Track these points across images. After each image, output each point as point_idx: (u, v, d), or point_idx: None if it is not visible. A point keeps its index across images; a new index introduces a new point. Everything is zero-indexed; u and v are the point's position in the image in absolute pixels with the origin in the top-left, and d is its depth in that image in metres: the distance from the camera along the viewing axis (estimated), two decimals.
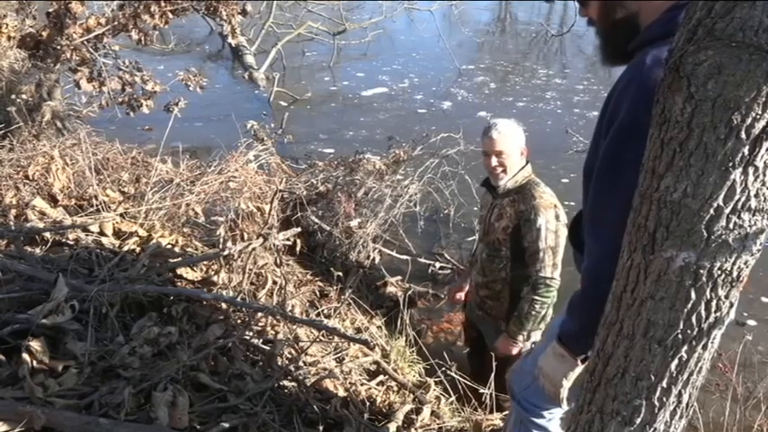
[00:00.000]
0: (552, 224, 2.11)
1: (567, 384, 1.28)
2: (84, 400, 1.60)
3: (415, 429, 2.00)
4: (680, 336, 0.88)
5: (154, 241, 2.42)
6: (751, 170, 0.74)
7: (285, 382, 1.93)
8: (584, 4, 1.33)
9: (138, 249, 2.36)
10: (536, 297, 2.13)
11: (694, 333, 0.87)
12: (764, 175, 0.75)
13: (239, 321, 2.15)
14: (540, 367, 1.36)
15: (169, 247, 2.47)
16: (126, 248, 2.32)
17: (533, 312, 2.14)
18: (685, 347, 0.89)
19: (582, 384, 1.10)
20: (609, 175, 1.13)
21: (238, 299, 2.22)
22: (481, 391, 2.21)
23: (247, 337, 2.08)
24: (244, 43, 7.72)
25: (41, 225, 2.35)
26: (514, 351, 2.23)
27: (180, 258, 2.38)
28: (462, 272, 3.01)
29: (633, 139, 1.03)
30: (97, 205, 2.69)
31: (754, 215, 0.77)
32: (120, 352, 1.76)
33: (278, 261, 2.47)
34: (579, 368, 1.24)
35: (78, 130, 3.64)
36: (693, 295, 0.84)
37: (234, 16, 4.01)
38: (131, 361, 1.74)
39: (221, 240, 2.67)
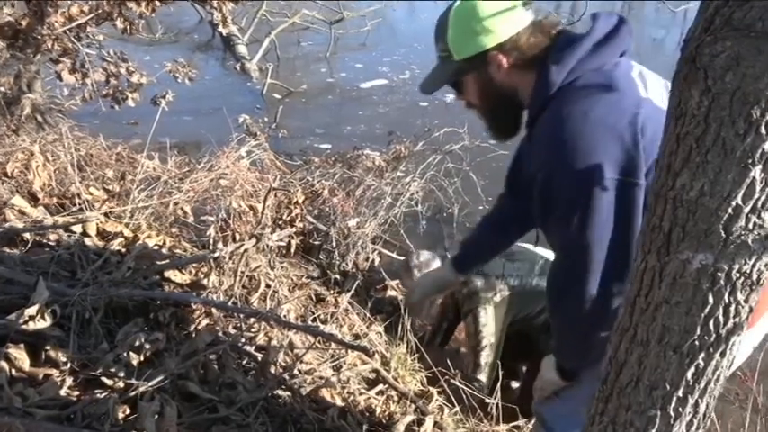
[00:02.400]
0: None
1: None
2: (66, 411, 1.60)
3: None
4: (697, 342, 0.88)
5: (140, 242, 2.42)
6: None
7: (279, 392, 1.94)
8: (461, 91, 1.47)
9: (123, 251, 2.36)
10: None
11: (712, 339, 0.87)
12: None
13: (231, 328, 2.15)
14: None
15: (156, 248, 2.47)
16: (111, 249, 2.32)
17: None
18: (702, 354, 0.89)
19: (593, 394, 1.11)
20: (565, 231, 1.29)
21: (230, 303, 2.22)
22: (487, 401, 2.21)
23: (239, 344, 2.08)
24: (235, 32, 7.71)
25: (21, 225, 2.35)
26: None
27: (167, 260, 2.38)
28: None
29: (560, 192, 1.25)
30: (80, 204, 2.69)
31: None
32: (105, 360, 1.76)
33: (271, 263, 2.47)
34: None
35: (60, 124, 3.64)
36: (711, 299, 0.84)
37: (225, 3, 4.02)
38: (116, 369, 1.74)
39: (211, 241, 2.68)
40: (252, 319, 2.19)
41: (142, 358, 1.81)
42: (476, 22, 1.32)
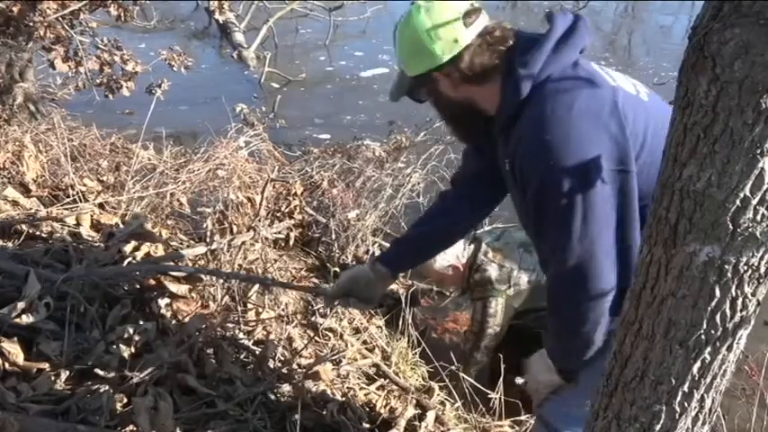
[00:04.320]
0: None
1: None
2: (60, 406, 1.61)
3: None
4: (703, 336, 0.88)
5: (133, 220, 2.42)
6: None
7: (278, 386, 1.94)
8: (420, 101, 1.53)
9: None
10: None
11: (718, 333, 0.87)
12: None
13: (228, 323, 2.15)
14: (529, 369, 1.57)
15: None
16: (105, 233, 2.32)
17: None
18: (709, 349, 0.89)
19: (597, 389, 1.11)
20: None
21: (226, 297, 2.23)
22: (489, 395, 2.22)
23: (237, 338, 2.09)
24: (232, 20, 7.67)
25: (15, 216, 2.36)
26: None
27: (163, 253, 2.39)
28: None
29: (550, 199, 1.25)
30: (74, 195, 2.69)
31: None
32: (96, 350, 1.77)
33: (268, 256, 2.48)
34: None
35: (53, 113, 3.64)
36: (718, 292, 0.84)
37: None
38: (109, 360, 1.75)
39: (208, 233, 2.68)
40: (250, 315, 2.20)
41: (133, 349, 1.82)
42: (418, 43, 1.35)
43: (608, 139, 1.21)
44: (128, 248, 2.25)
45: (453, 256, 2.53)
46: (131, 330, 1.84)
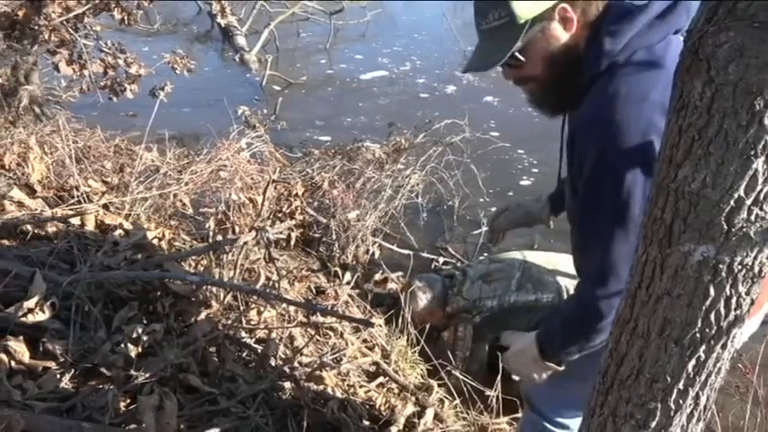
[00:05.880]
0: None
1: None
2: (65, 403, 1.61)
3: None
4: (698, 334, 0.88)
5: (136, 230, 2.42)
6: None
7: (279, 384, 1.94)
8: (518, 63, 1.26)
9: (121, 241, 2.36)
10: None
11: (713, 332, 0.87)
12: None
13: (230, 321, 2.15)
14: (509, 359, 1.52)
15: (156, 240, 2.47)
16: (110, 242, 2.32)
17: None
18: (703, 347, 0.89)
19: (594, 386, 1.11)
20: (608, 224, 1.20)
21: (228, 296, 2.22)
22: (487, 393, 2.22)
23: (239, 336, 2.09)
24: (234, 23, 7.68)
25: (21, 216, 2.36)
26: None
27: (167, 253, 2.39)
28: None
29: (608, 180, 1.16)
30: (78, 196, 2.69)
31: None
32: (102, 350, 1.77)
33: (270, 256, 2.47)
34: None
35: (57, 115, 3.63)
36: (712, 291, 0.84)
37: None
38: (114, 359, 1.75)
39: (211, 234, 2.68)
40: (251, 313, 2.19)
41: (140, 349, 1.82)
42: None
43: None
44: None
45: (434, 300, 2.78)
46: (140, 330, 1.84)
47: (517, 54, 1.24)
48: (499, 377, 2.17)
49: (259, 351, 2.06)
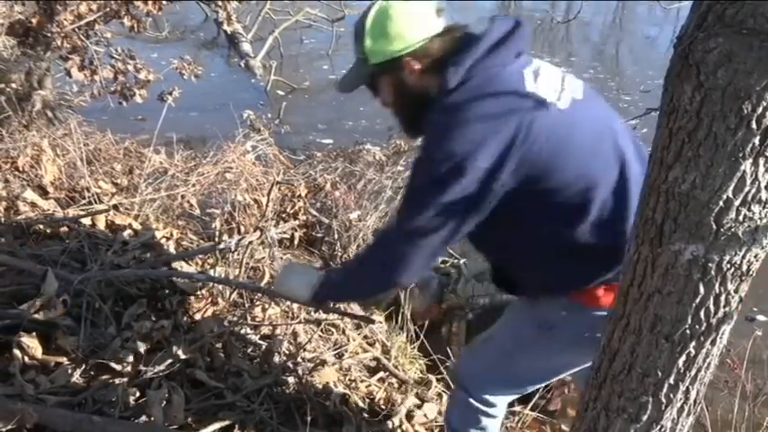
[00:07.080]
0: None
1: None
2: (77, 397, 1.61)
3: (415, 426, 2.01)
4: (688, 331, 0.88)
5: (145, 230, 2.42)
6: (762, 161, 0.74)
7: (283, 379, 1.94)
8: (376, 91, 1.51)
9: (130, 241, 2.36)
10: None
11: (702, 328, 0.87)
12: None
13: (236, 318, 2.15)
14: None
15: (164, 240, 2.47)
16: (120, 241, 2.32)
17: None
18: (693, 343, 0.89)
19: (587, 381, 1.11)
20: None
21: (234, 294, 2.22)
22: None
23: (244, 333, 2.09)
24: (240, 30, 7.67)
25: (34, 216, 2.36)
26: None
27: (174, 252, 2.39)
28: None
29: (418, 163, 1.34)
30: (89, 197, 2.69)
31: (764, 207, 0.78)
32: (112, 345, 1.77)
33: (274, 255, 2.48)
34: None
35: (69, 119, 3.63)
36: (702, 289, 0.84)
37: (229, 2, 4.00)
38: (124, 355, 1.75)
39: (217, 233, 2.68)
40: (256, 310, 2.19)
41: (149, 345, 1.82)
42: (389, 28, 1.35)
43: (496, 143, 1.20)
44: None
45: (432, 297, 2.84)
46: (149, 326, 1.84)
47: (368, 85, 1.48)
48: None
49: (264, 347, 2.06)
